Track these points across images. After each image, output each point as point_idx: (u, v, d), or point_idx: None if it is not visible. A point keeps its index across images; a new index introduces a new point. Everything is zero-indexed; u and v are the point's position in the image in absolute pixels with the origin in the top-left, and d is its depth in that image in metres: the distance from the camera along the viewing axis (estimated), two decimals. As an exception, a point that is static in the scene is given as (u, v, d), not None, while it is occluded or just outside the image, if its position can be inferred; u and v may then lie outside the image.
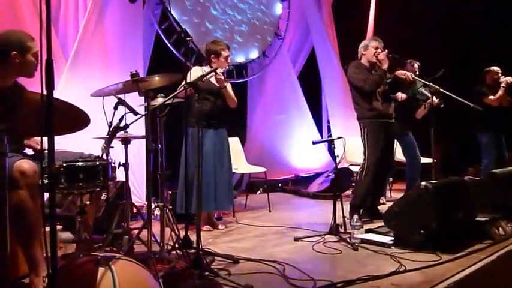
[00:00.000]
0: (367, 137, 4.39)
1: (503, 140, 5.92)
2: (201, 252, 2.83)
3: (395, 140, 5.56)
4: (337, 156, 4.04)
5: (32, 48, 2.58)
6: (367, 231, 3.73)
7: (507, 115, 5.86)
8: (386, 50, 4.39)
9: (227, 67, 4.21)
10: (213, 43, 4.32)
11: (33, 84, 2.23)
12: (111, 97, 2.99)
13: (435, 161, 4.57)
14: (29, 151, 2.80)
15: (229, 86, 4.24)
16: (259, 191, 6.54)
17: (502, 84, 5.71)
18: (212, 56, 4.22)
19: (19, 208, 2.25)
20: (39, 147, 2.67)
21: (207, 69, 4.14)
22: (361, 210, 4.32)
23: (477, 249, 3.20)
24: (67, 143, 3.07)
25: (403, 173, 6.88)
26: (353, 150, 5.77)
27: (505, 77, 5.77)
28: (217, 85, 4.05)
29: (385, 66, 4.33)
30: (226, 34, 6.35)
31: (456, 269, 2.80)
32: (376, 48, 4.44)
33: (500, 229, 3.55)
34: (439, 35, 7.67)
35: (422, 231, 3.24)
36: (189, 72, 3.99)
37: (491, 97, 5.73)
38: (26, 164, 2.30)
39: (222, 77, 4.03)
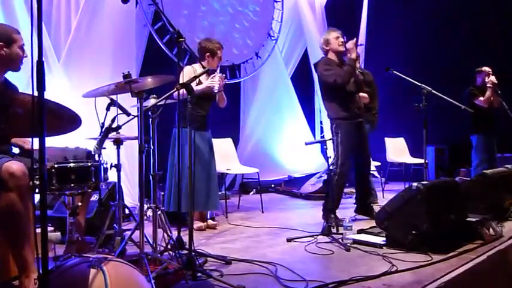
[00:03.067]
0: (341, 141, 4.29)
1: (494, 141, 5.96)
2: (193, 253, 2.83)
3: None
4: (330, 157, 4.05)
5: (17, 40, 2.59)
6: (359, 231, 3.74)
7: (498, 116, 5.92)
8: (355, 39, 4.31)
9: (217, 67, 4.20)
10: (209, 41, 4.26)
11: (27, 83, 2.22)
12: (104, 98, 2.98)
13: (427, 161, 4.59)
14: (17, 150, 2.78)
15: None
16: (252, 192, 6.55)
17: (488, 85, 5.75)
18: (207, 54, 4.19)
19: (8, 210, 2.23)
20: (27, 146, 2.65)
21: (198, 68, 4.13)
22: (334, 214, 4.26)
23: (468, 250, 3.22)
24: (58, 144, 3.07)
25: (397, 173, 6.95)
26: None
27: (490, 77, 5.82)
28: (214, 89, 3.98)
29: (353, 55, 4.24)
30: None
31: (447, 269, 2.82)
32: (337, 37, 4.36)
33: (491, 229, 3.57)
34: (433, 34, 7.73)
35: (413, 232, 3.25)
36: (181, 74, 3.98)
37: (481, 98, 5.78)
38: (15, 165, 2.28)
39: (222, 81, 4.00)
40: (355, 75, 4.37)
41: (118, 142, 3.18)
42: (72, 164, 2.60)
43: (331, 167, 4.24)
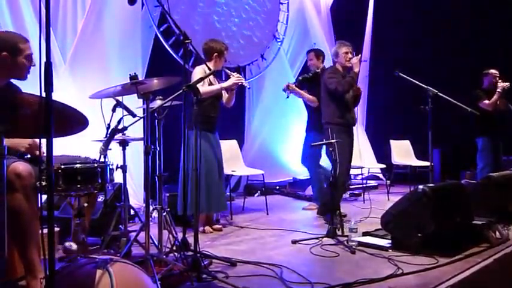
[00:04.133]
0: (337, 145, 4.33)
1: (500, 143, 5.93)
2: (198, 255, 2.83)
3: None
4: (335, 159, 4.04)
5: (24, 50, 2.54)
6: (365, 234, 3.73)
7: (504, 119, 5.88)
8: (360, 55, 4.72)
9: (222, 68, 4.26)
10: (215, 41, 4.26)
11: (33, 86, 2.22)
12: (110, 99, 2.99)
13: (432, 164, 4.58)
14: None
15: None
16: (257, 194, 6.54)
17: (498, 90, 5.70)
18: (216, 54, 4.18)
19: (14, 210, 2.23)
20: (38, 153, 2.66)
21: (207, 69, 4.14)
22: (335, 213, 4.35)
23: (474, 253, 3.21)
24: (65, 145, 3.08)
25: (402, 176, 6.92)
26: (351, 153, 5.77)
27: (502, 81, 5.76)
28: (244, 84, 4.11)
29: (356, 69, 4.61)
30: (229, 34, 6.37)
31: (453, 272, 2.81)
32: (346, 53, 4.70)
33: (497, 232, 3.56)
34: (438, 36, 7.70)
35: (419, 234, 3.24)
36: (193, 74, 4.00)
37: (486, 101, 5.74)
38: (21, 166, 2.29)
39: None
40: (355, 88, 4.75)
41: (124, 143, 3.20)
42: (78, 165, 2.61)
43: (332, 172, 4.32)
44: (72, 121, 2.16)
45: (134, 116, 3.05)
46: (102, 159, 2.79)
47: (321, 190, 5.52)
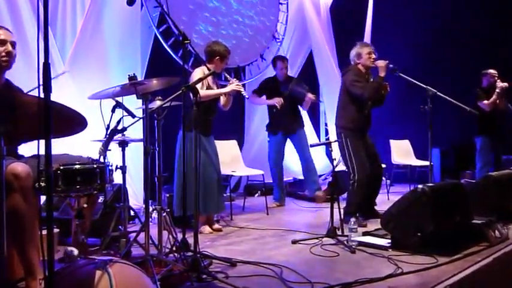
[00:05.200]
0: (351, 149, 4.43)
1: (499, 143, 5.93)
2: (198, 255, 2.83)
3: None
4: (335, 159, 4.05)
5: None
6: (365, 233, 3.73)
7: (503, 118, 5.89)
8: (387, 61, 4.47)
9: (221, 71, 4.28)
10: (218, 44, 4.27)
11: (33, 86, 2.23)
12: (109, 100, 2.99)
13: (432, 164, 4.58)
14: (26, 153, 2.79)
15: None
16: (257, 194, 6.54)
17: (497, 90, 5.71)
18: (217, 57, 4.19)
19: (13, 211, 2.23)
20: None
21: (207, 71, 4.14)
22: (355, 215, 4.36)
23: (473, 252, 3.20)
24: (65, 146, 3.08)
25: (402, 175, 6.92)
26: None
27: (501, 82, 5.77)
28: (242, 92, 4.14)
29: (383, 74, 4.42)
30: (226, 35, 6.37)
31: (452, 272, 2.81)
32: (370, 53, 4.54)
33: (496, 231, 3.56)
34: (438, 36, 7.70)
35: (419, 234, 3.24)
36: (191, 76, 4.00)
37: (485, 101, 5.74)
38: (19, 167, 2.28)
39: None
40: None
41: (123, 144, 3.20)
42: (77, 166, 2.61)
43: (350, 179, 4.45)
44: (70, 122, 2.17)
45: (133, 116, 3.06)
46: (101, 160, 2.79)
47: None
